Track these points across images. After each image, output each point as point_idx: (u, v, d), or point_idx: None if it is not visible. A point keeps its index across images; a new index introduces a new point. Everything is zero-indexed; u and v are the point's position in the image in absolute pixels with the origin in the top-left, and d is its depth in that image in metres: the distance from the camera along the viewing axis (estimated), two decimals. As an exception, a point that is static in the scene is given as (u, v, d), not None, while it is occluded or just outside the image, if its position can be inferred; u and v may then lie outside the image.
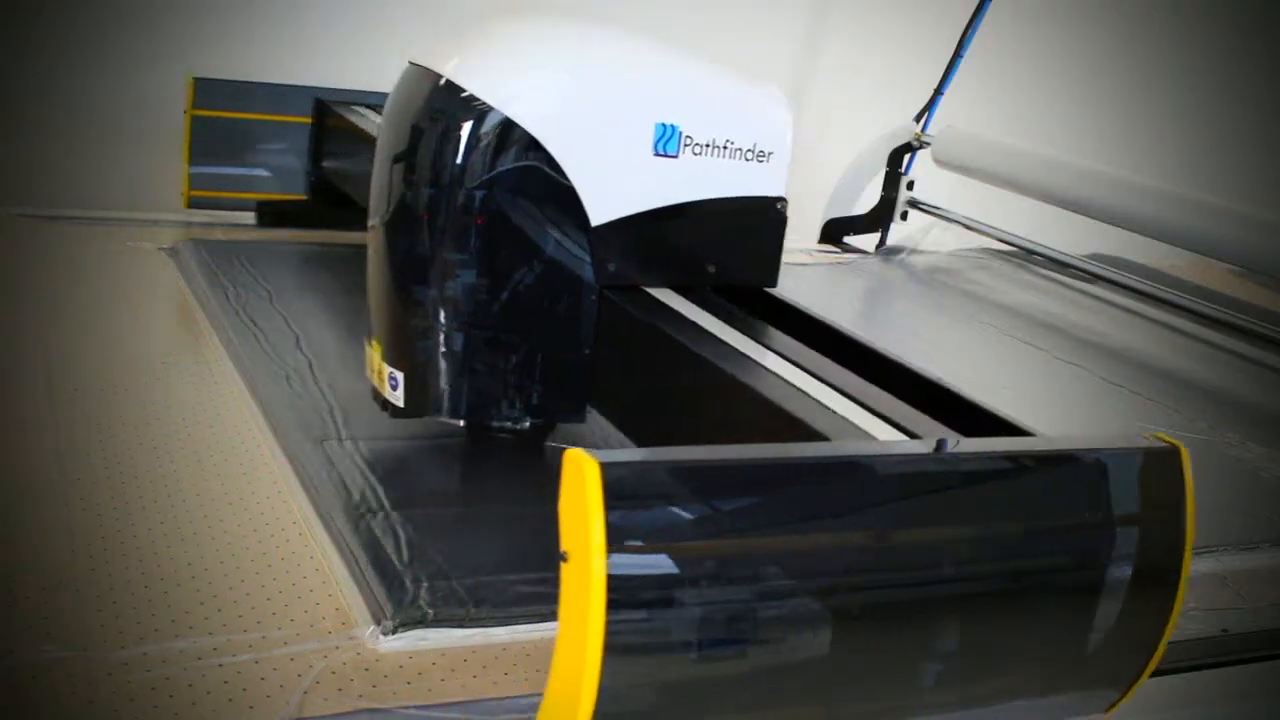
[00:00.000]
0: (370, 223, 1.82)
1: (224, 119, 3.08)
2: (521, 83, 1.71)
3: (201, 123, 3.05)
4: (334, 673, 1.32)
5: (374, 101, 3.06)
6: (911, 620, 1.21)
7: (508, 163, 1.68)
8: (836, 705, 1.21)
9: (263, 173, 3.19)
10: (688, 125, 1.72)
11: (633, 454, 1.11)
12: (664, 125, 1.71)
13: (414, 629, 1.40)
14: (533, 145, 1.67)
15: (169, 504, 1.65)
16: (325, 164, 3.14)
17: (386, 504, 1.68)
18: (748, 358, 1.61)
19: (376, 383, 1.80)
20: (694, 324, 1.71)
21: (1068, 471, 1.31)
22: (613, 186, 1.71)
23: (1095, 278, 3.59)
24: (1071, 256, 3.67)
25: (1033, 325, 3.14)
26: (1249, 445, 2.42)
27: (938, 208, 3.85)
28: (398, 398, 1.75)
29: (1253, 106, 4.79)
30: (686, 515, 1.12)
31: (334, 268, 2.93)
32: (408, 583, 1.49)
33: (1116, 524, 1.30)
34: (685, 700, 1.13)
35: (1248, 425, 2.55)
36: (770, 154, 1.79)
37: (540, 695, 1.33)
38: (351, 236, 3.14)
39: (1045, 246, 3.72)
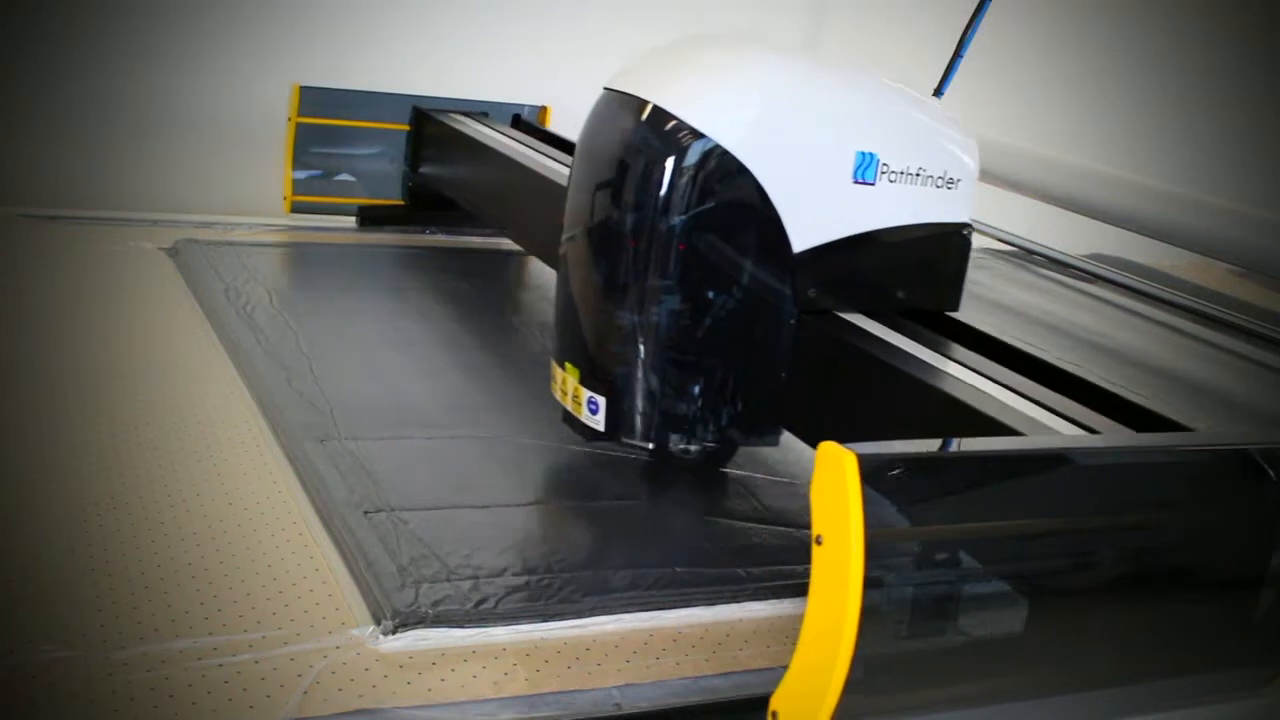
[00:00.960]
0: (565, 249, 1.84)
1: (325, 126, 3.17)
2: (733, 110, 1.71)
3: (304, 130, 3.13)
4: (334, 673, 1.32)
5: (469, 109, 3.23)
6: (1101, 600, 1.34)
7: (716, 190, 1.68)
8: (1040, 675, 1.34)
9: (360, 178, 3.27)
10: (885, 153, 1.74)
11: (881, 447, 1.19)
12: (863, 154, 1.73)
13: (414, 629, 1.40)
14: (741, 172, 1.67)
15: (169, 504, 1.65)
16: (423, 169, 3.23)
17: (387, 504, 1.68)
18: (934, 366, 1.66)
19: (571, 406, 1.82)
20: (880, 339, 1.73)
21: (1235, 464, 1.42)
22: (814, 214, 1.72)
23: (1095, 278, 3.59)
24: (1071, 256, 3.67)
25: (1033, 325, 3.14)
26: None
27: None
28: (598, 421, 1.77)
29: (1253, 106, 4.79)
30: (930, 501, 1.24)
31: (335, 268, 2.94)
32: (408, 583, 1.48)
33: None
34: (921, 673, 1.25)
35: (1248, 425, 2.55)
36: (958, 181, 1.82)
37: (540, 695, 1.34)
38: (351, 237, 3.16)
39: (1045, 246, 3.72)
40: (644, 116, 1.71)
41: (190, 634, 1.35)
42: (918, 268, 1.85)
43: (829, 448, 1.14)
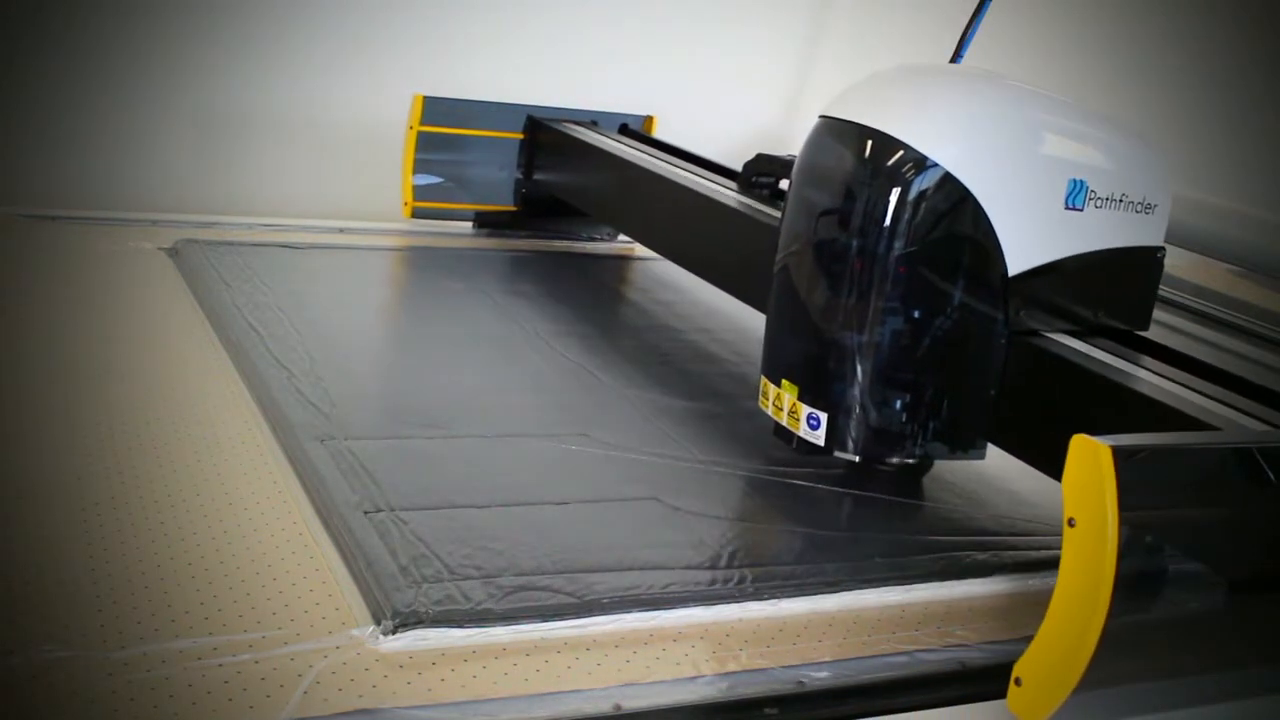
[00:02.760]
0: (782, 271, 1.90)
1: (444, 134, 3.27)
2: (959, 136, 1.77)
3: (424, 138, 3.23)
4: (334, 673, 1.32)
5: (579, 119, 3.36)
6: None
7: (941, 215, 1.75)
8: (1239, 652, 1.48)
9: (474, 185, 3.39)
10: (1093, 180, 1.82)
11: (1130, 439, 1.32)
12: (1075, 181, 1.80)
13: (414, 629, 1.40)
14: (966, 199, 1.73)
15: (169, 504, 1.65)
16: (537, 176, 3.36)
17: (387, 504, 1.68)
18: (1138, 377, 1.75)
19: (788, 422, 1.88)
20: (1085, 353, 1.82)
21: None
22: (1029, 239, 1.80)
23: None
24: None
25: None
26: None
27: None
28: (818, 437, 1.83)
29: (1253, 106, 4.79)
30: (1174, 488, 1.38)
31: (335, 268, 2.94)
32: (408, 583, 1.48)
33: None
34: (1146, 644, 1.38)
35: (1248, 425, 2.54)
36: (1155, 206, 1.90)
37: (540, 695, 1.34)
38: (352, 238, 3.16)
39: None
40: (869, 143, 1.77)
41: (190, 634, 1.35)
42: (1115, 289, 1.93)
43: (1083, 440, 1.29)
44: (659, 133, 3.50)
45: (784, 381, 1.88)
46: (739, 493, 1.89)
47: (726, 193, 2.65)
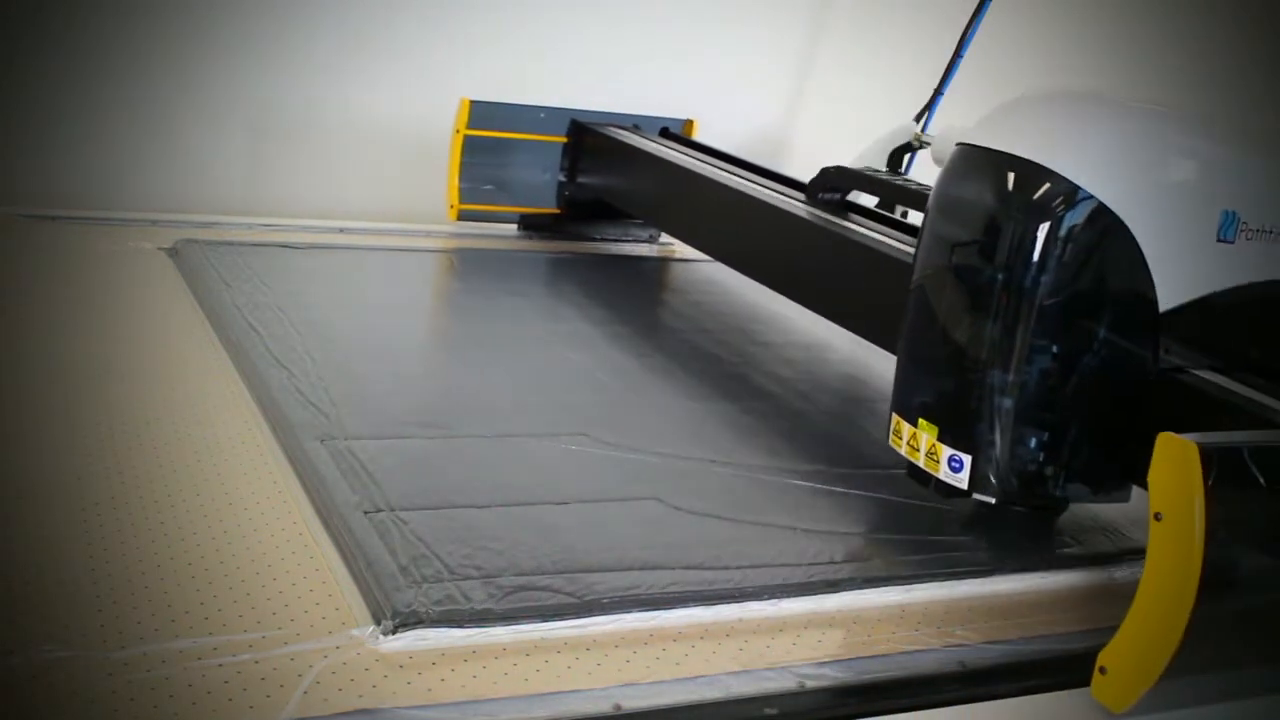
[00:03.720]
0: (919, 305, 1.82)
1: (489, 138, 3.29)
2: (1111, 165, 1.70)
3: (470, 142, 3.24)
4: (334, 673, 1.32)
5: (623, 123, 3.39)
6: None
7: (1093, 247, 1.67)
8: None
9: (517, 188, 3.40)
10: (1245, 211, 1.75)
11: (1215, 437, 1.37)
12: (1227, 212, 1.74)
13: (414, 629, 1.40)
14: (1119, 231, 1.66)
15: (169, 504, 1.65)
16: (580, 179, 3.38)
17: (387, 504, 1.68)
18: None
19: (925, 463, 1.79)
20: (1237, 392, 1.75)
21: None
22: (1181, 272, 1.73)
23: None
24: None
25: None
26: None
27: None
28: (961, 480, 1.75)
29: (1254, 106, 4.79)
30: (1259, 484, 1.40)
31: (335, 268, 2.94)
32: (408, 583, 1.48)
33: None
34: (1226, 637, 1.42)
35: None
36: None
37: (540, 695, 1.34)
38: (351, 238, 3.16)
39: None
40: (1016, 172, 1.70)
41: (190, 634, 1.35)
42: (1268, 325, 1.85)
43: (1170, 438, 1.35)
44: (702, 137, 3.51)
45: (921, 421, 1.80)
46: (739, 493, 1.89)
47: (787, 200, 2.64)
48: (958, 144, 1.82)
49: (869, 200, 2.70)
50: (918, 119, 3.83)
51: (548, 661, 1.40)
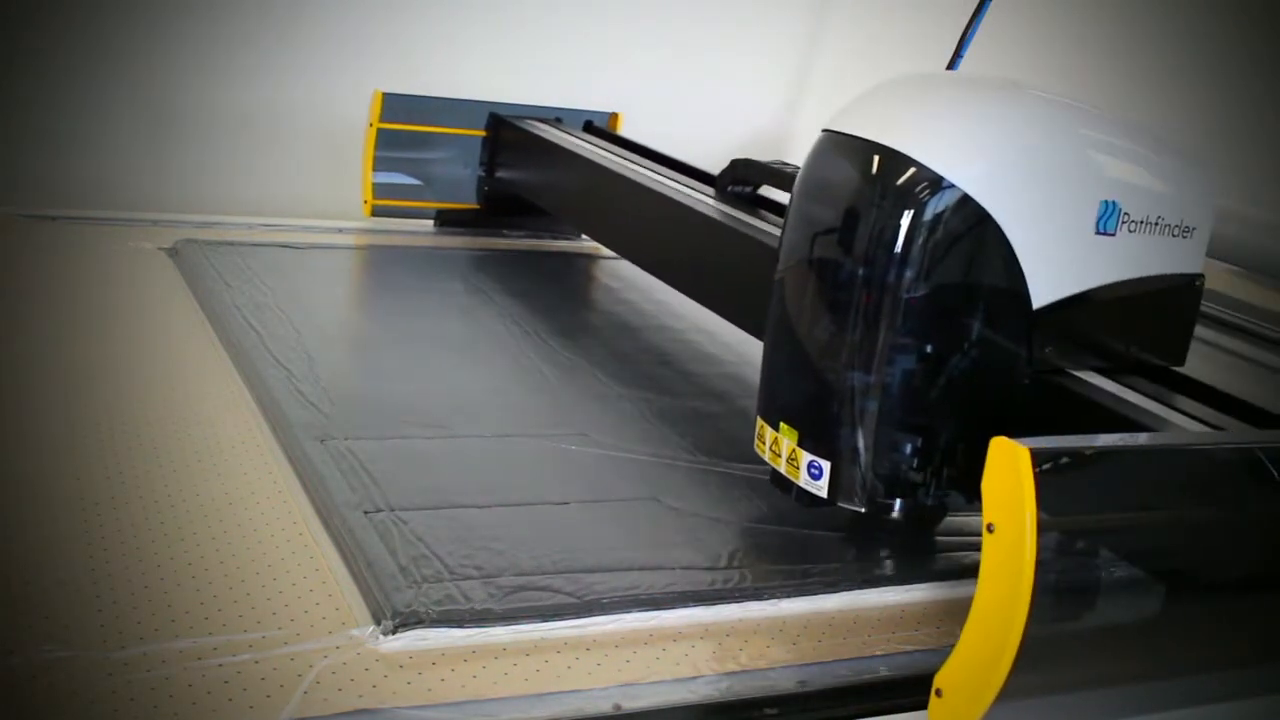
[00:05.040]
0: (779, 303, 1.73)
1: (404, 131, 3.22)
2: (978, 154, 1.60)
3: (385, 135, 3.17)
4: (334, 673, 1.32)
5: (542, 115, 3.30)
6: (1235, 585, 1.44)
7: (958, 240, 1.58)
8: (1173, 659, 1.44)
9: (435, 183, 3.34)
10: (1127, 202, 1.65)
11: (1050, 441, 1.27)
12: (1107, 203, 1.64)
13: (414, 629, 1.40)
14: (986, 222, 1.57)
15: (169, 504, 1.65)
16: (499, 174, 3.29)
17: (387, 504, 1.68)
18: (1172, 423, 1.63)
19: (786, 470, 1.71)
20: (1113, 394, 1.69)
21: None
22: (1056, 267, 1.64)
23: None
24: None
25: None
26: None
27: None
28: (820, 488, 1.67)
29: (1254, 106, 4.78)
30: (1095, 492, 1.32)
31: (335, 268, 2.94)
32: (408, 583, 1.48)
33: None
34: (1071, 653, 1.34)
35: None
36: (1194, 229, 1.74)
37: (540, 695, 1.34)
38: (352, 238, 3.16)
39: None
40: (878, 162, 1.60)
41: (190, 634, 1.35)
42: (1148, 321, 1.77)
43: (1002, 443, 1.24)
44: (628, 131, 3.41)
45: (782, 425, 1.72)
46: (739, 493, 1.89)
47: (694, 196, 2.55)
48: (823, 129, 1.71)
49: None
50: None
51: (548, 661, 1.40)
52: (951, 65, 3.72)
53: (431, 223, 3.33)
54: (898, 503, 1.68)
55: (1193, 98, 4.73)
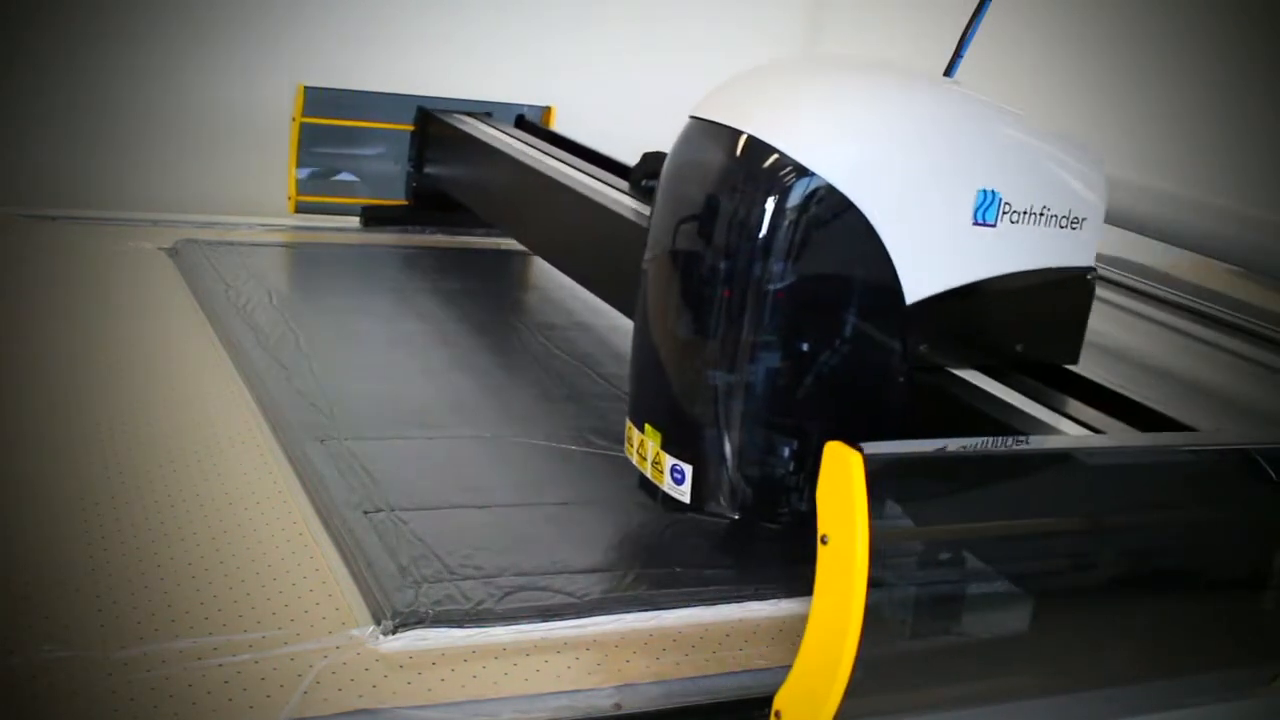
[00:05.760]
0: (643, 299, 1.67)
1: (330, 126, 3.16)
2: (841, 143, 1.53)
3: (309, 130, 3.12)
4: (334, 673, 1.32)
5: (473, 110, 3.22)
6: (1115, 598, 1.35)
7: (822, 233, 1.50)
8: (1041, 673, 1.34)
9: (364, 179, 3.28)
10: (1008, 191, 1.57)
11: (888, 446, 1.18)
12: (985, 192, 1.56)
13: (414, 629, 1.40)
14: (850, 213, 1.49)
15: (169, 504, 1.65)
16: (428, 170, 3.22)
17: (387, 504, 1.68)
18: (1055, 428, 1.57)
19: (651, 474, 1.65)
20: (996, 398, 1.62)
21: (1236, 464, 1.41)
22: (930, 260, 1.56)
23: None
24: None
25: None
26: (1249, 445, 2.41)
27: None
28: (683, 493, 1.61)
29: (1254, 106, 4.78)
30: (935, 501, 1.23)
31: (336, 268, 2.94)
32: (408, 583, 1.48)
33: None
34: (924, 669, 1.26)
35: (1248, 425, 2.55)
36: (1083, 220, 1.66)
37: (540, 695, 1.34)
38: (353, 238, 3.16)
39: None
40: (739, 150, 1.53)
41: (190, 634, 1.35)
42: (1037, 317, 1.69)
43: (835, 447, 1.14)
44: (562, 125, 3.33)
45: (647, 426, 1.64)
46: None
47: (607, 192, 2.43)
48: (690, 116, 1.64)
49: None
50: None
51: (548, 661, 1.40)
52: (952, 64, 3.72)
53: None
54: (769, 509, 1.61)
55: (1195, 98, 4.73)
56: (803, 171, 1.49)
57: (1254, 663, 1.45)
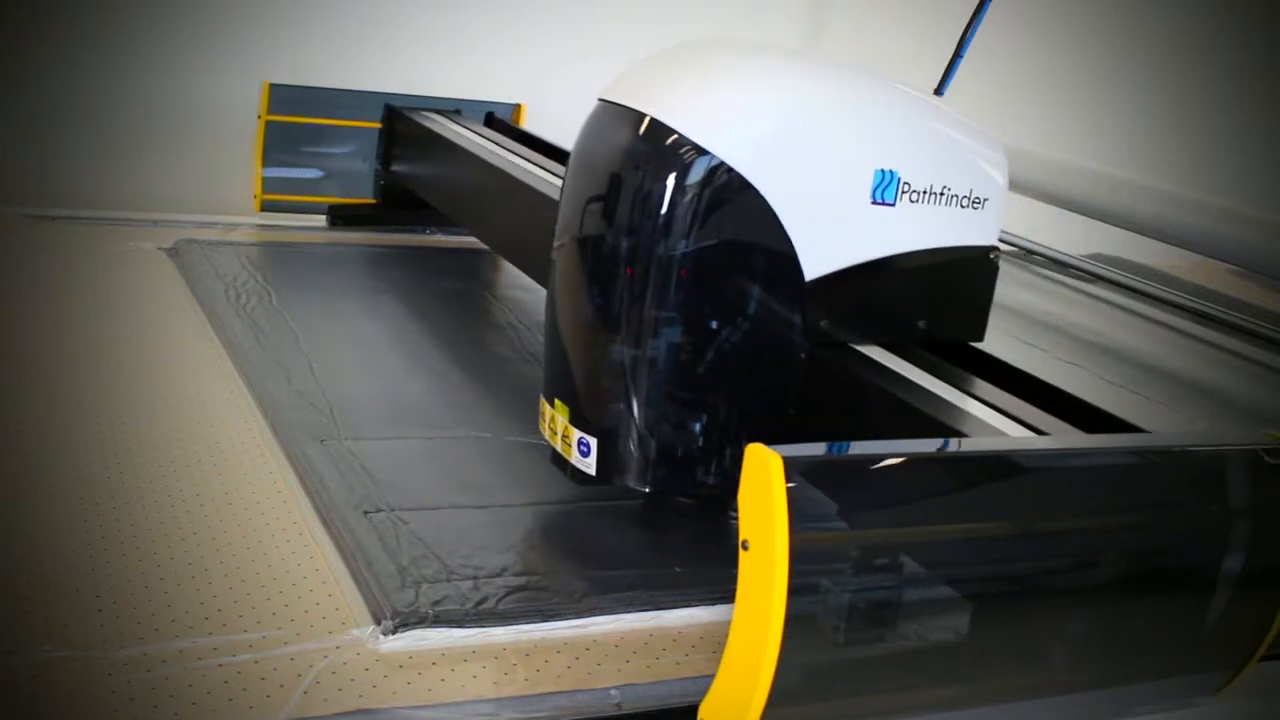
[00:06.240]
0: (554, 276, 1.70)
1: (296, 124, 3.12)
2: (739, 123, 1.57)
3: (275, 128, 3.09)
4: (334, 673, 1.32)
5: (442, 107, 3.17)
6: (1045, 605, 1.32)
7: (720, 211, 1.54)
8: (976, 682, 1.31)
9: (332, 177, 3.24)
10: (906, 171, 1.61)
11: (811, 448, 1.17)
12: (883, 171, 1.59)
13: (414, 629, 1.40)
14: (749, 192, 1.53)
15: (169, 504, 1.65)
16: (395, 168, 3.19)
17: (386, 504, 1.68)
18: (953, 404, 1.57)
19: (560, 447, 1.68)
20: (896, 374, 1.63)
21: (1187, 466, 1.39)
22: (829, 238, 1.59)
23: (1095, 278, 3.59)
24: (1071, 256, 3.67)
25: (1033, 325, 3.14)
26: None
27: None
28: (589, 465, 1.64)
29: (1253, 106, 4.79)
30: (859, 505, 1.21)
31: (335, 267, 2.94)
32: (408, 583, 1.48)
33: (1231, 516, 1.38)
34: (849, 677, 1.23)
35: (1247, 425, 2.55)
36: (985, 200, 1.69)
37: (540, 695, 1.34)
38: (353, 238, 3.16)
39: (1045, 246, 3.72)
40: (641, 131, 1.57)
41: (190, 634, 1.35)
42: (941, 295, 1.73)
43: (756, 449, 1.12)
44: (532, 123, 3.29)
45: (557, 401, 1.68)
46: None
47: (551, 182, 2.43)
48: (598, 99, 1.68)
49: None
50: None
51: (548, 661, 1.40)
52: (951, 65, 3.72)
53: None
54: (678, 482, 1.64)
55: (1195, 97, 4.73)
56: (701, 151, 1.53)
57: (1200, 671, 1.42)
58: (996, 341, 1.80)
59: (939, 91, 3.76)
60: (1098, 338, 3.13)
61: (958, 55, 3.69)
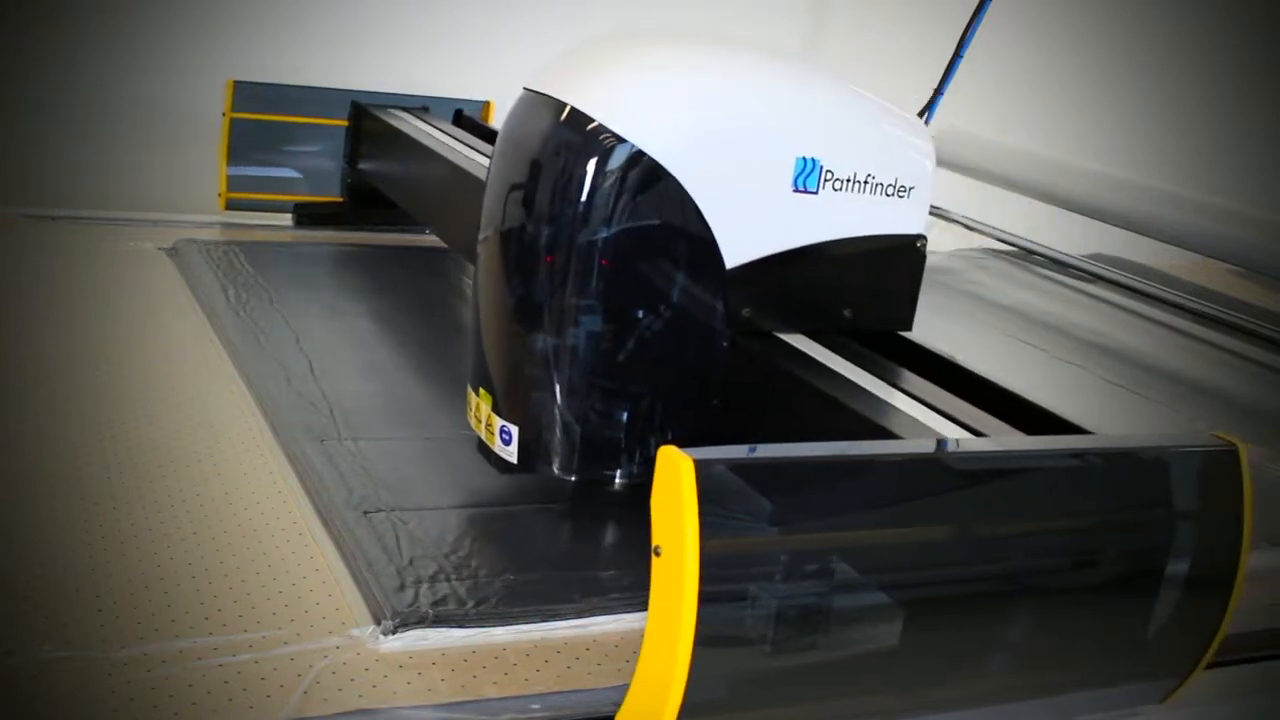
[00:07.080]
0: (479, 265, 1.71)
1: (261, 122, 3.10)
2: (655, 111, 1.58)
3: (240, 126, 3.07)
4: (334, 673, 1.32)
5: (410, 105, 3.13)
6: (979, 611, 1.28)
7: (638, 200, 1.55)
8: (908, 692, 1.27)
9: (298, 175, 3.22)
10: (829, 159, 1.61)
11: (725, 451, 1.12)
12: (805, 159, 1.60)
13: (414, 629, 1.40)
14: (666, 180, 1.54)
15: (169, 504, 1.65)
16: (361, 166, 3.17)
17: (386, 504, 1.68)
18: (875, 395, 1.56)
19: (485, 436, 1.70)
20: (818, 363, 1.63)
21: (1129, 468, 1.36)
22: (749, 226, 1.60)
23: (1095, 278, 3.59)
24: (1071, 256, 3.67)
25: (1033, 325, 3.14)
26: (1249, 445, 2.41)
27: (937, 208, 3.84)
28: (510, 453, 1.64)
29: (1253, 106, 4.79)
30: (776, 510, 1.17)
31: (335, 267, 2.94)
32: (408, 583, 1.49)
33: (1175, 520, 1.35)
34: (769, 688, 1.19)
35: (1247, 425, 2.54)
36: (911, 189, 1.69)
37: (540, 695, 1.34)
38: (354, 238, 3.15)
39: (1045, 246, 3.72)
40: (561, 120, 1.58)
41: (190, 634, 1.35)
42: (866, 284, 1.73)
43: (668, 452, 1.08)
44: (502, 121, 3.31)
45: (481, 390, 1.69)
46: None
47: None
48: (523, 88, 1.69)
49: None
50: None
51: (548, 661, 1.40)
52: (951, 65, 3.72)
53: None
54: (601, 470, 1.64)
55: (1195, 98, 4.73)
56: (619, 140, 1.54)
57: (1145, 679, 1.39)
58: (997, 341, 1.79)
59: (939, 91, 3.76)
60: (1098, 338, 3.13)
61: (958, 55, 3.69)
